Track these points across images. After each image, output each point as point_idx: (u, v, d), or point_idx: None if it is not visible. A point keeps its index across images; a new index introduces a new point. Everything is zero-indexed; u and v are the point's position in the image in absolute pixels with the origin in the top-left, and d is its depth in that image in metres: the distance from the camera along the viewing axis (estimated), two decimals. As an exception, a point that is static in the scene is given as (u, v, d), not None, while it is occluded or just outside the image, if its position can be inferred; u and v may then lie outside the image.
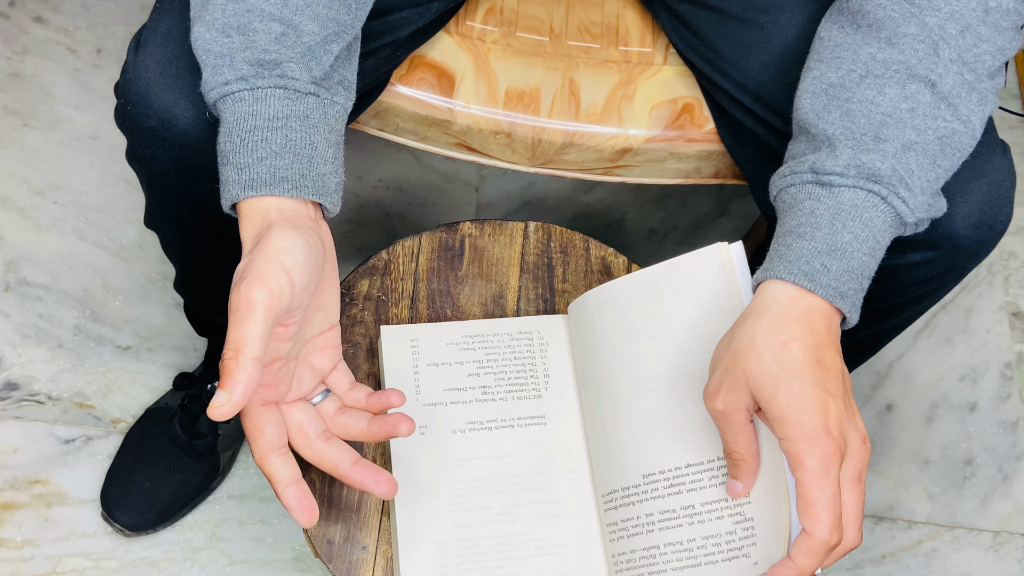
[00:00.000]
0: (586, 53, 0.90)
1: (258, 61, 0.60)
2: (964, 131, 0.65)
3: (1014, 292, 1.40)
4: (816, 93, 0.67)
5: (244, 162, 0.59)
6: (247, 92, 0.60)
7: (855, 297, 0.62)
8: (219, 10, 0.61)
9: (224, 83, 0.60)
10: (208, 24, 0.61)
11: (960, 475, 1.27)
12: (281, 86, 0.60)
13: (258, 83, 0.60)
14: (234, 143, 0.60)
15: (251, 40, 0.61)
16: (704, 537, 0.65)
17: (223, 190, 0.60)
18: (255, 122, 0.60)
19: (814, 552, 0.57)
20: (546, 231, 0.87)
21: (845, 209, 0.62)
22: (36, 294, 1.24)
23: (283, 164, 0.59)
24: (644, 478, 0.69)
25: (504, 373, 0.78)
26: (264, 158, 0.59)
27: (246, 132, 0.59)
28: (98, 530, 1.12)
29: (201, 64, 0.61)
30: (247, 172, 0.59)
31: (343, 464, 0.62)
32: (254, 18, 0.61)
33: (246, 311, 0.55)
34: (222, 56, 0.61)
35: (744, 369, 0.60)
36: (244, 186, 0.59)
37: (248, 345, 0.56)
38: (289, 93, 0.61)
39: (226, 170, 0.60)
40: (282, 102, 0.60)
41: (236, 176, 0.59)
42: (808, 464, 0.57)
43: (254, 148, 0.59)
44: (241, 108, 0.60)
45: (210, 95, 0.61)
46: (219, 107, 0.61)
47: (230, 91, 0.60)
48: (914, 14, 0.64)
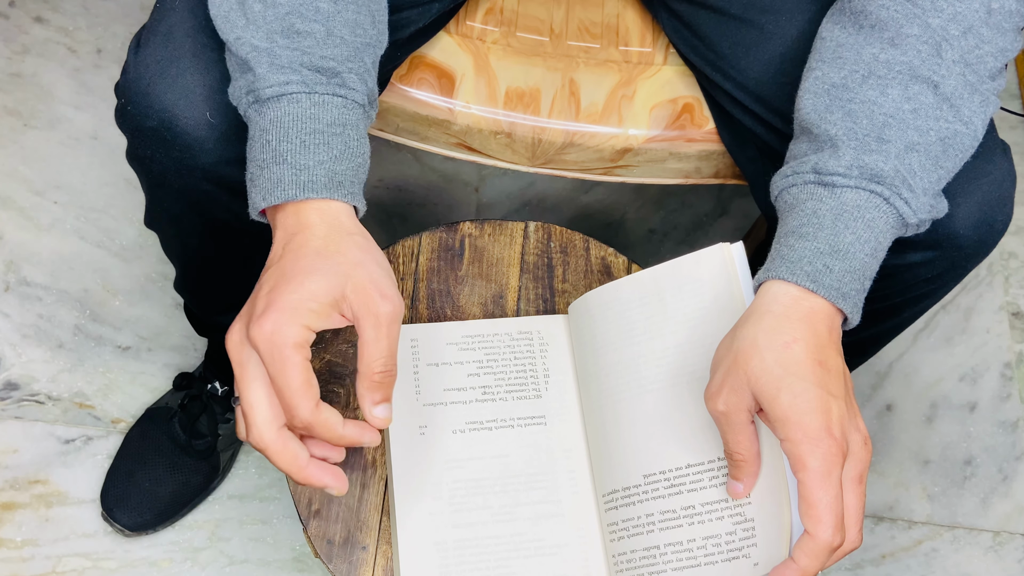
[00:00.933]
0: (586, 53, 0.90)
1: (316, 67, 0.61)
2: (966, 132, 0.64)
3: (1014, 292, 1.40)
4: (818, 93, 0.67)
5: (304, 163, 0.60)
6: (304, 95, 0.61)
7: (857, 298, 0.62)
8: (257, 14, 0.62)
9: (285, 82, 0.61)
10: (246, 24, 0.62)
11: (960, 475, 1.27)
12: (340, 95, 0.62)
13: (316, 88, 0.61)
14: (293, 143, 0.60)
15: (299, 43, 0.61)
16: (704, 537, 0.65)
17: (271, 188, 0.60)
18: (315, 126, 0.61)
19: (816, 553, 0.57)
20: (546, 231, 0.87)
21: (847, 210, 0.62)
22: (36, 294, 1.24)
23: (340, 169, 0.61)
24: (645, 478, 0.69)
25: (504, 373, 0.78)
26: (324, 162, 0.60)
27: (307, 134, 0.60)
28: (98, 530, 1.12)
29: (248, 61, 0.61)
30: (306, 174, 0.60)
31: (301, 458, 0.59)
32: (295, 20, 0.62)
33: (392, 325, 0.58)
34: (275, 55, 0.61)
35: (746, 370, 0.60)
36: (303, 187, 0.60)
37: (395, 361, 0.59)
38: (347, 103, 0.62)
39: (279, 169, 0.60)
40: (339, 110, 0.62)
41: (294, 176, 0.60)
42: (810, 465, 0.57)
43: (316, 151, 0.60)
44: (297, 109, 0.61)
45: (266, 91, 0.61)
46: (269, 105, 0.61)
47: (289, 91, 0.61)
48: (917, 15, 0.64)
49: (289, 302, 0.57)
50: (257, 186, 0.61)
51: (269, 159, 0.61)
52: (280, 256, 0.60)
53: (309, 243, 0.59)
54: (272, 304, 0.57)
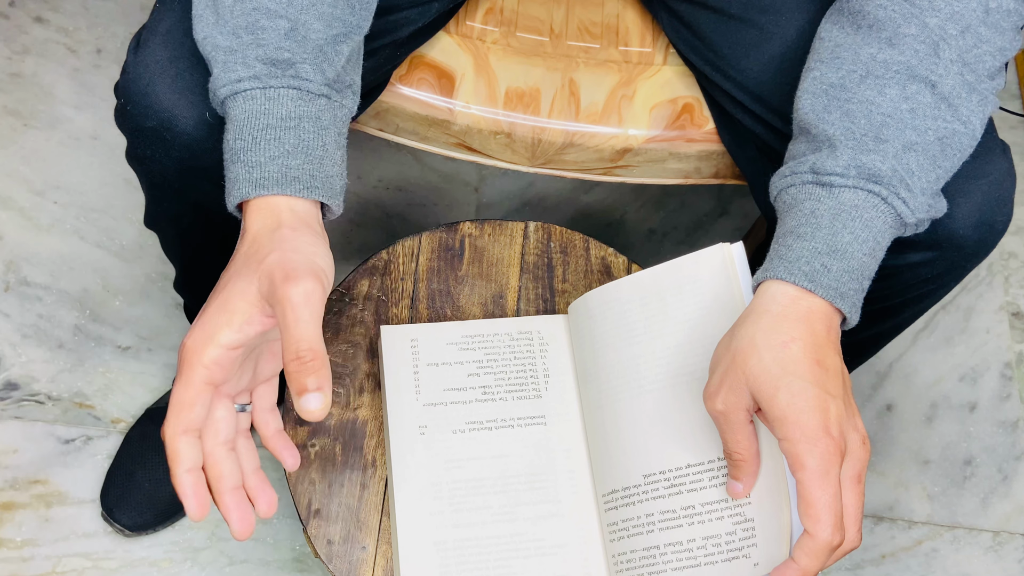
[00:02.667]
0: (586, 53, 0.90)
1: (271, 60, 0.60)
2: (964, 132, 0.64)
3: (1014, 292, 1.40)
4: (816, 93, 0.67)
5: (255, 160, 0.59)
6: (259, 91, 0.60)
7: (855, 297, 0.62)
8: (227, 9, 0.61)
9: (236, 80, 0.60)
10: (215, 22, 0.62)
11: (960, 475, 1.27)
12: (294, 87, 0.60)
13: (271, 82, 0.60)
14: (245, 140, 0.59)
15: (260, 38, 0.61)
16: (704, 537, 0.65)
17: (231, 187, 0.60)
18: (267, 121, 0.60)
19: (816, 553, 0.57)
20: (546, 231, 0.87)
21: (845, 209, 0.62)
22: (36, 294, 1.24)
23: (295, 164, 0.59)
24: (645, 478, 0.69)
25: (504, 373, 0.78)
26: (276, 157, 0.59)
27: (258, 130, 0.59)
28: (98, 530, 1.12)
29: (210, 61, 0.61)
30: (258, 170, 0.59)
31: (228, 480, 0.58)
32: (261, 16, 0.61)
33: (304, 306, 0.54)
34: (233, 52, 0.61)
35: (744, 369, 0.60)
36: (255, 184, 0.59)
37: (320, 343, 0.55)
38: (302, 94, 0.61)
39: (235, 168, 0.60)
40: (295, 102, 0.60)
41: (247, 174, 0.59)
42: (808, 464, 0.57)
43: (266, 147, 0.59)
44: (252, 106, 0.60)
45: (220, 91, 0.60)
46: (228, 104, 0.61)
47: (242, 88, 0.60)
48: (914, 15, 0.64)
49: (208, 319, 0.56)
50: (225, 188, 0.61)
51: (228, 158, 0.60)
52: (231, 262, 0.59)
53: (239, 250, 0.59)
54: (199, 320, 0.57)
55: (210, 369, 0.56)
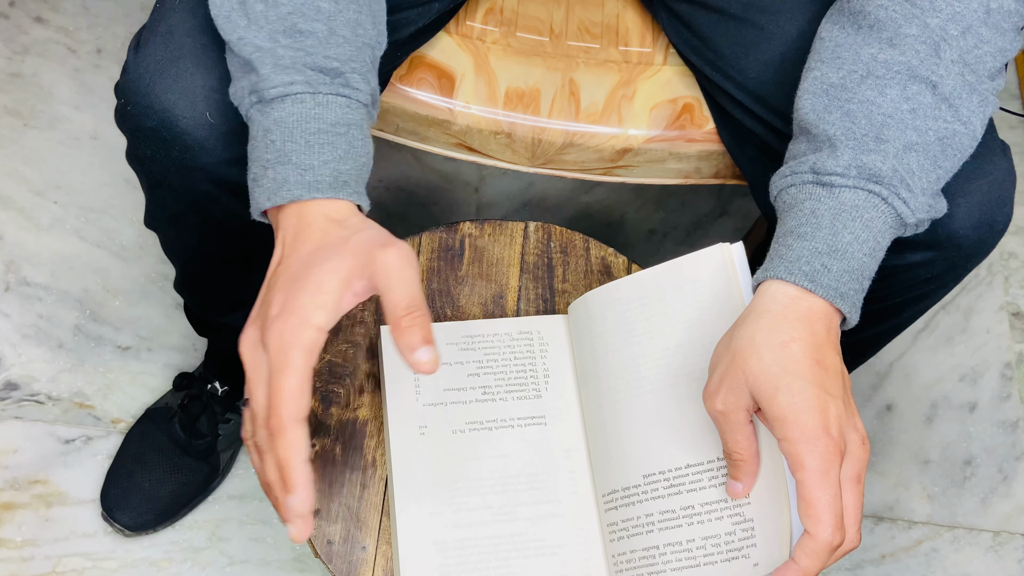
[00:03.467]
0: (586, 53, 0.90)
1: (319, 67, 0.61)
2: (965, 132, 0.64)
3: (1014, 292, 1.40)
4: (817, 93, 0.67)
5: (309, 163, 0.60)
6: (308, 95, 0.61)
7: (855, 298, 0.62)
8: (259, 14, 0.62)
9: (289, 83, 0.61)
10: (248, 24, 0.62)
11: (960, 475, 1.27)
12: (344, 95, 0.62)
13: (320, 88, 0.61)
14: (298, 143, 0.60)
15: (301, 42, 0.62)
16: (703, 538, 0.65)
17: (278, 188, 0.60)
18: (319, 125, 0.61)
19: (817, 553, 0.57)
20: (546, 231, 0.87)
21: (846, 209, 0.62)
22: (36, 294, 1.24)
23: (344, 169, 0.61)
24: (644, 478, 0.69)
25: (504, 373, 0.78)
26: (329, 162, 0.61)
27: (311, 134, 0.61)
28: (98, 530, 1.12)
29: (252, 61, 0.61)
30: (311, 173, 0.60)
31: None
32: (298, 19, 0.62)
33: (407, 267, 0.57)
34: (278, 55, 0.61)
35: (744, 369, 0.60)
36: (308, 187, 0.60)
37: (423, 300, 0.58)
38: (350, 102, 0.62)
39: (285, 169, 0.60)
40: (343, 110, 0.62)
41: (299, 176, 0.60)
42: (808, 464, 0.57)
43: (320, 151, 0.61)
44: (302, 109, 0.61)
45: (270, 92, 0.61)
46: (272, 105, 0.61)
47: (293, 91, 0.61)
48: (915, 15, 0.64)
49: (299, 304, 0.56)
50: (261, 186, 0.61)
51: (273, 159, 0.61)
52: (284, 257, 0.60)
53: (310, 239, 0.59)
54: (285, 307, 0.57)
55: (311, 353, 0.56)
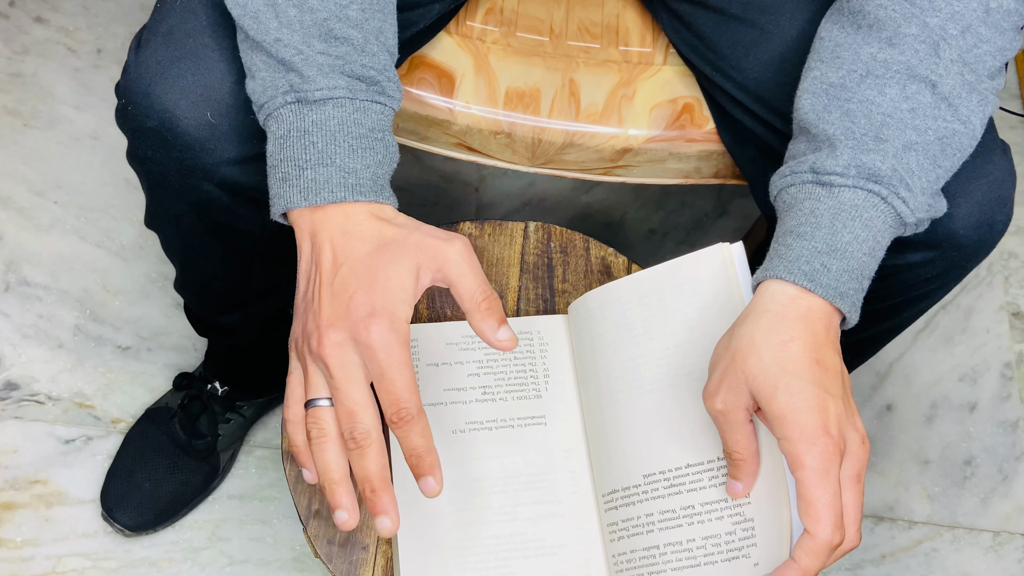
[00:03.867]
0: (586, 53, 0.90)
1: (357, 75, 0.63)
2: (964, 131, 0.65)
3: (1014, 292, 1.40)
4: (816, 93, 0.67)
5: (353, 167, 0.62)
6: (348, 101, 0.62)
7: (855, 297, 0.62)
8: (294, 19, 0.62)
9: (333, 87, 0.62)
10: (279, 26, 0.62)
11: (960, 475, 1.27)
12: (380, 102, 0.64)
13: (359, 95, 0.63)
14: (341, 147, 0.62)
15: (337, 49, 0.62)
16: (704, 537, 0.65)
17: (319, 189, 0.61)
18: (359, 131, 0.62)
19: (817, 552, 0.57)
20: (546, 231, 0.87)
21: (845, 209, 0.62)
22: (36, 294, 1.24)
23: (382, 173, 0.64)
24: (644, 478, 0.69)
25: (504, 373, 0.78)
26: (370, 166, 0.62)
27: (354, 139, 0.62)
28: (98, 530, 1.12)
29: (293, 63, 0.62)
30: (354, 176, 0.62)
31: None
32: (334, 25, 0.63)
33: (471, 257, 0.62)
34: (318, 60, 0.62)
35: (743, 368, 0.60)
36: (352, 189, 0.61)
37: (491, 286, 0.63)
38: (385, 109, 0.64)
39: (327, 171, 0.61)
40: (379, 116, 0.64)
41: (342, 179, 0.61)
42: (807, 464, 0.57)
43: (363, 155, 0.62)
44: (342, 114, 0.62)
45: (315, 94, 0.62)
46: (314, 107, 0.62)
47: (336, 96, 0.62)
48: (915, 14, 0.64)
49: (388, 303, 0.59)
50: (295, 186, 0.62)
51: (313, 160, 0.61)
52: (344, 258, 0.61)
53: (367, 239, 0.61)
54: (375, 306, 0.59)
55: (409, 346, 0.59)
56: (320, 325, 0.60)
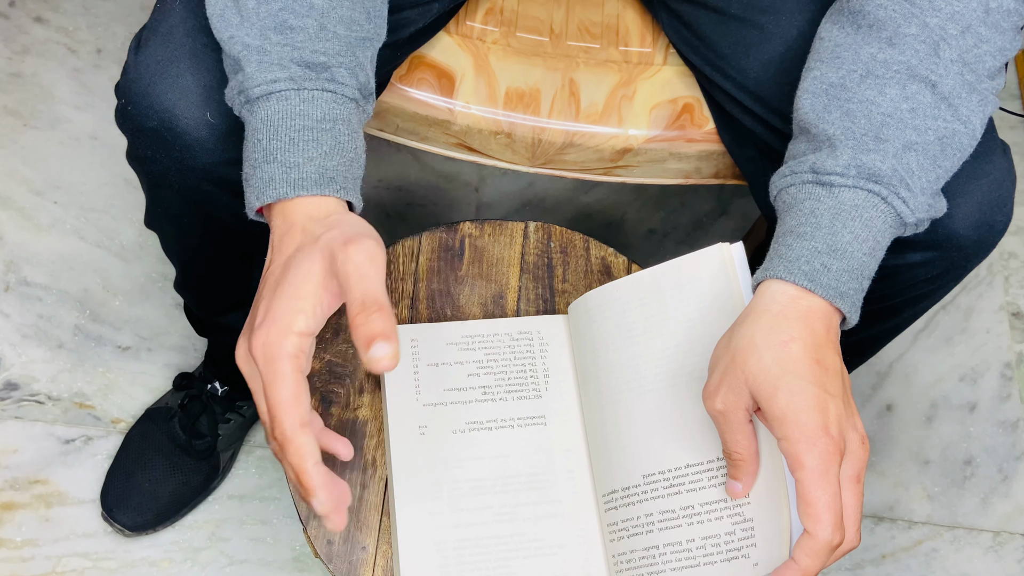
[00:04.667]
0: (586, 53, 0.90)
1: (305, 62, 0.61)
2: (964, 132, 0.64)
3: (1014, 292, 1.40)
4: (816, 93, 0.67)
5: (294, 161, 0.60)
6: (293, 92, 0.61)
7: (855, 297, 0.62)
8: (251, 11, 0.62)
9: (272, 80, 0.60)
10: (240, 22, 0.62)
11: (960, 475, 1.27)
12: (329, 89, 0.62)
13: (305, 84, 0.61)
14: (282, 141, 0.60)
15: (292, 39, 0.61)
16: (703, 538, 0.65)
17: (263, 187, 0.60)
18: (303, 122, 0.60)
19: (817, 553, 0.57)
20: (546, 231, 0.87)
21: (845, 209, 0.62)
22: (36, 294, 1.24)
23: (331, 165, 0.60)
24: (644, 478, 0.69)
25: (504, 373, 0.78)
26: (314, 158, 0.60)
27: (295, 131, 0.60)
28: (98, 530, 1.12)
29: (239, 60, 0.61)
30: (296, 171, 0.60)
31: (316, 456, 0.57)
32: (289, 16, 0.62)
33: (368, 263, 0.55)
34: (265, 52, 0.61)
35: (744, 368, 0.60)
36: (293, 185, 0.59)
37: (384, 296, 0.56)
38: (336, 97, 0.62)
39: (270, 167, 0.60)
40: (329, 105, 0.61)
41: (284, 174, 0.59)
42: (807, 464, 0.57)
43: (304, 147, 0.60)
44: (286, 107, 0.60)
45: (254, 91, 0.61)
46: (259, 104, 0.61)
47: (277, 89, 0.60)
48: (915, 14, 0.64)
49: (279, 311, 0.56)
50: (251, 186, 0.61)
51: (260, 158, 0.60)
52: (271, 262, 0.59)
53: (293, 241, 0.59)
54: (266, 316, 0.56)
55: (297, 358, 0.55)
56: (240, 335, 0.59)
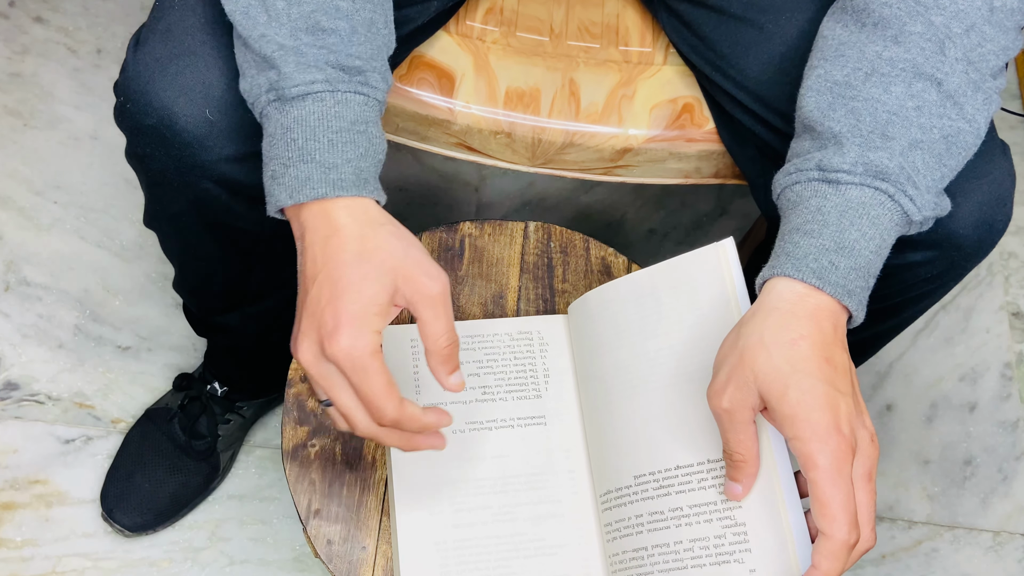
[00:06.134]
0: (586, 53, 0.90)
1: (341, 65, 0.62)
2: (969, 130, 0.64)
3: (1014, 292, 1.40)
4: (821, 91, 0.66)
5: (333, 162, 0.61)
6: (328, 94, 0.62)
7: (862, 295, 0.62)
8: (282, 11, 0.62)
9: (311, 81, 0.61)
10: (267, 21, 0.62)
11: (960, 475, 1.27)
12: (362, 92, 0.63)
13: (339, 86, 0.62)
14: (320, 142, 0.61)
15: (324, 40, 0.62)
16: (691, 540, 0.65)
17: (300, 186, 0.61)
18: (340, 124, 0.62)
19: (836, 554, 0.56)
20: (546, 231, 0.87)
21: (852, 207, 0.62)
22: (36, 294, 1.24)
23: (365, 166, 0.62)
24: (635, 479, 0.69)
25: (504, 373, 0.78)
26: (352, 159, 0.62)
27: (333, 132, 0.61)
28: (98, 530, 1.12)
29: (274, 59, 0.62)
30: (335, 172, 0.61)
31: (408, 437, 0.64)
32: (321, 17, 0.62)
33: (446, 302, 0.62)
34: (302, 54, 0.62)
35: (753, 367, 0.59)
36: (333, 185, 0.61)
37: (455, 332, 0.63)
38: (368, 100, 0.63)
39: (307, 168, 0.61)
40: (362, 108, 0.63)
41: (323, 175, 0.61)
42: (820, 463, 0.56)
43: (343, 149, 0.61)
44: (322, 108, 0.61)
45: (291, 90, 0.61)
46: (293, 104, 0.62)
47: (315, 90, 0.61)
48: (920, 12, 0.64)
49: (356, 314, 0.59)
50: (281, 184, 0.62)
51: (295, 157, 0.61)
52: (323, 263, 0.61)
53: (348, 246, 0.60)
54: (340, 320, 0.59)
55: (379, 353, 0.60)
56: (297, 336, 0.61)
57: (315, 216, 0.61)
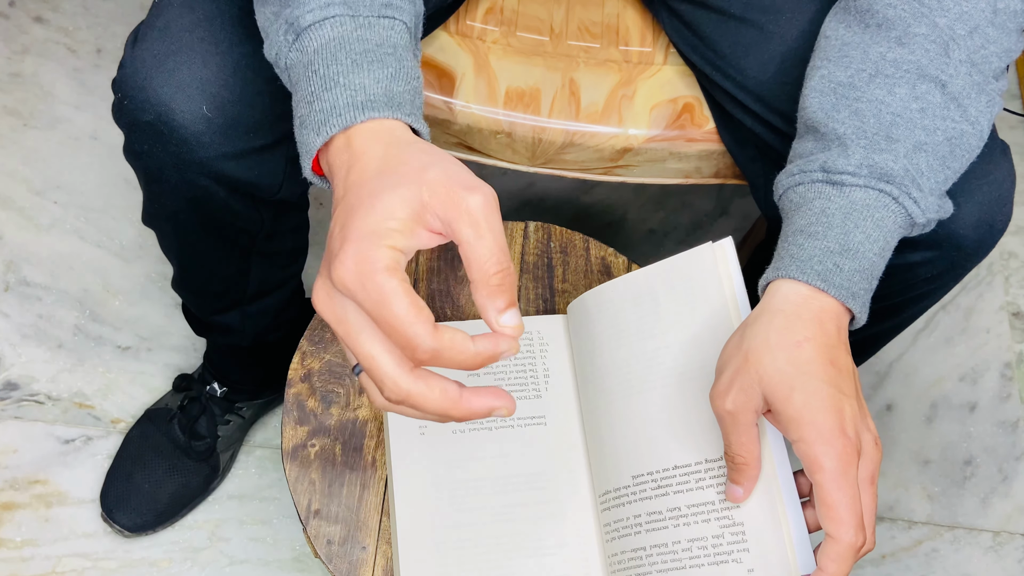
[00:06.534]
0: (586, 53, 0.90)
1: None
2: (973, 132, 0.64)
3: (1014, 292, 1.40)
4: (824, 92, 0.66)
5: (360, 83, 0.54)
6: (349, 18, 0.56)
7: (865, 297, 0.62)
8: None
9: (326, 4, 0.55)
10: None
11: (960, 475, 1.27)
12: (387, 15, 0.57)
13: (360, 11, 0.56)
14: (343, 64, 0.54)
15: None
16: (689, 540, 0.65)
17: (326, 118, 0.54)
18: (363, 46, 0.55)
19: (842, 556, 0.56)
20: (546, 231, 0.87)
21: (857, 209, 0.62)
22: (36, 294, 1.24)
23: (398, 90, 0.55)
24: (634, 479, 0.69)
25: (504, 373, 0.78)
26: (381, 80, 0.55)
27: (357, 54, 0.55)
28: (98, 530, 1.12)
29: None
30: (362, 93, 0.54)
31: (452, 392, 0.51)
32: None
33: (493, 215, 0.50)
34: None
35: (758, 369, 0.59)
36: (361, 107, 0.53)
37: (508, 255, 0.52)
38: (395, 23, 0.57)
39: (331, 94, 0.54)
40: (387, 31, 0.57)
41: (350, 98, 0.53)
42: (826, 465, 0.56)
43: (370, 69, 0.54)
44: (342, 32, 0.55)
45: (306, 17, 0.56)
46: (309, 33, 0.56)
47: (331, 14, 0.55)
48: (924, 14, 0.64)
49: (364, 229, 0.49)
50: (308, 127, 0.55)
51: (318, 88, 0.54)
52: (343, 196, 0.52)
53: (368, 168, 0.52)
54: (347, 238, 0.49)
55: (397, 271, 0.48)
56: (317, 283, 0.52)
57: (339, 152, 0.54)
